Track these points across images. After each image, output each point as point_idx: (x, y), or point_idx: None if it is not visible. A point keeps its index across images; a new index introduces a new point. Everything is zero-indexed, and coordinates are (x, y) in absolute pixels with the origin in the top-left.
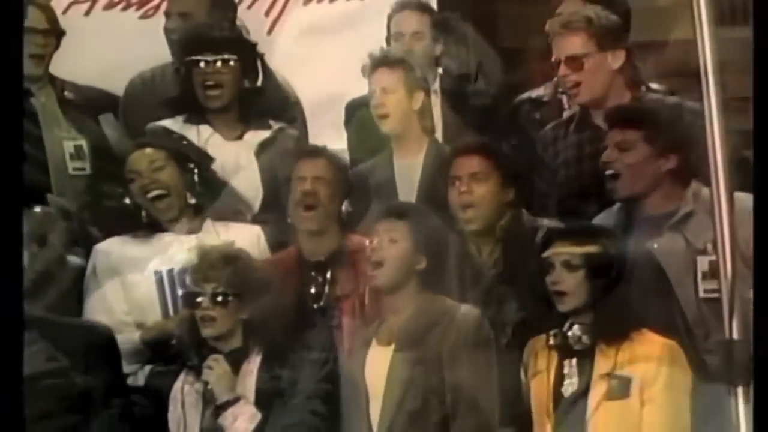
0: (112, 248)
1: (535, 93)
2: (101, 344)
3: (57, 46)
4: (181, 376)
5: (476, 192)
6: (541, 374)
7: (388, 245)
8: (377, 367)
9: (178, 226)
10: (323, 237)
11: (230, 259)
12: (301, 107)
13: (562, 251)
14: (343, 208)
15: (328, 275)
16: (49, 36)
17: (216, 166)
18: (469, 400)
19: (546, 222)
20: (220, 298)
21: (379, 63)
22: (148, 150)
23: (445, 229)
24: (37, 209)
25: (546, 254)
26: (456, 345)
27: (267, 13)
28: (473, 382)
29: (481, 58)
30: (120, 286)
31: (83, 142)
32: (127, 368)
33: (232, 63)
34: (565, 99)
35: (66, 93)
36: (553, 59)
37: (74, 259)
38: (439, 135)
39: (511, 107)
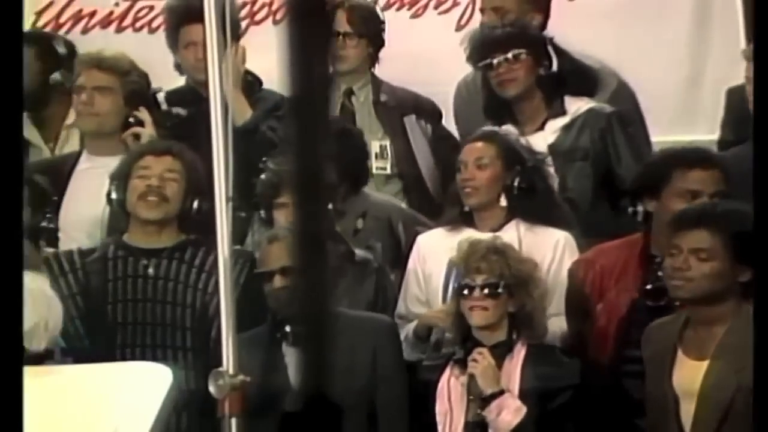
0: (426, 239)
1: None
2: (388, 337)
3: (378, 48)
4: (447, 370)
5: None
6: None
7: (697, 264)
8: (687, 376)
9: (485, 223)
10: None
11: (498, 251)
12: (620, 81)
13: None
14: None
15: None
16: (354, 38)
17: None
18: None
19: None
20: (487, 290)
21: None
22: (479, 144)
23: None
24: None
25: None
26: None
27: None
28: None
29: None
30: (421, 275)
31: (387, 143)
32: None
33: (522, 56)
34: None
35: (381, 94)
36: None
37: (361, 253)
38: None
39: None
